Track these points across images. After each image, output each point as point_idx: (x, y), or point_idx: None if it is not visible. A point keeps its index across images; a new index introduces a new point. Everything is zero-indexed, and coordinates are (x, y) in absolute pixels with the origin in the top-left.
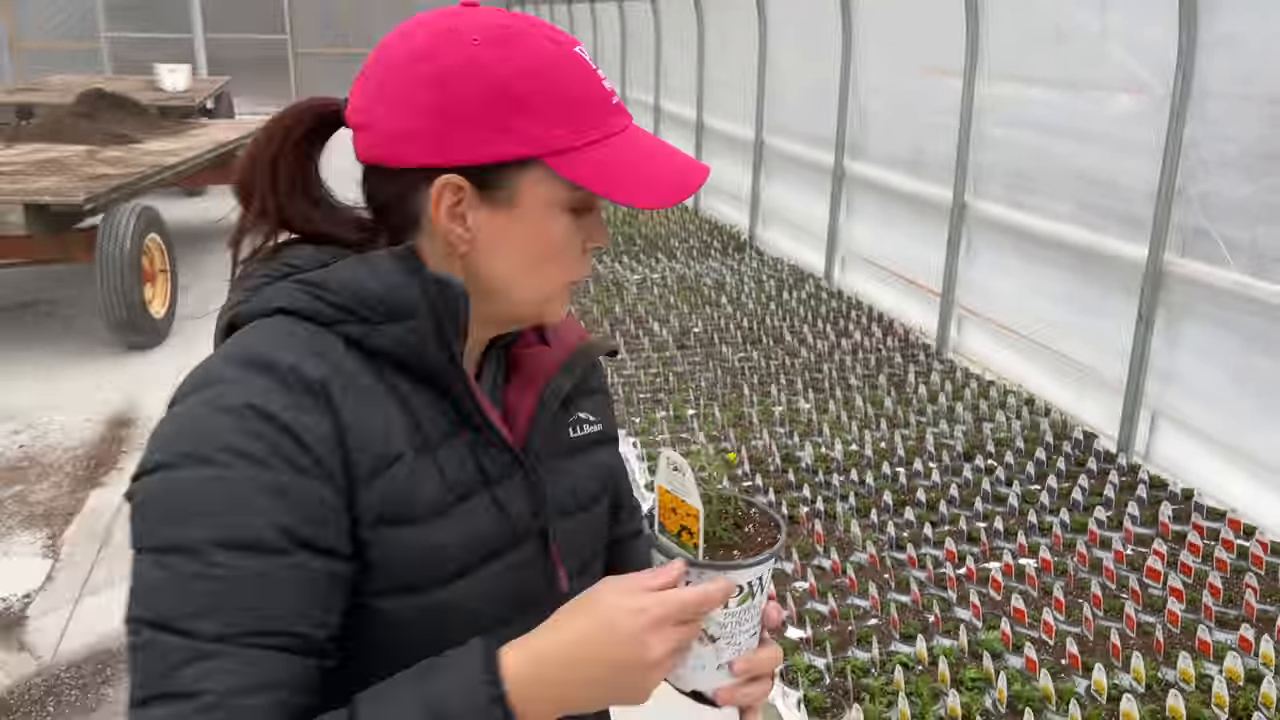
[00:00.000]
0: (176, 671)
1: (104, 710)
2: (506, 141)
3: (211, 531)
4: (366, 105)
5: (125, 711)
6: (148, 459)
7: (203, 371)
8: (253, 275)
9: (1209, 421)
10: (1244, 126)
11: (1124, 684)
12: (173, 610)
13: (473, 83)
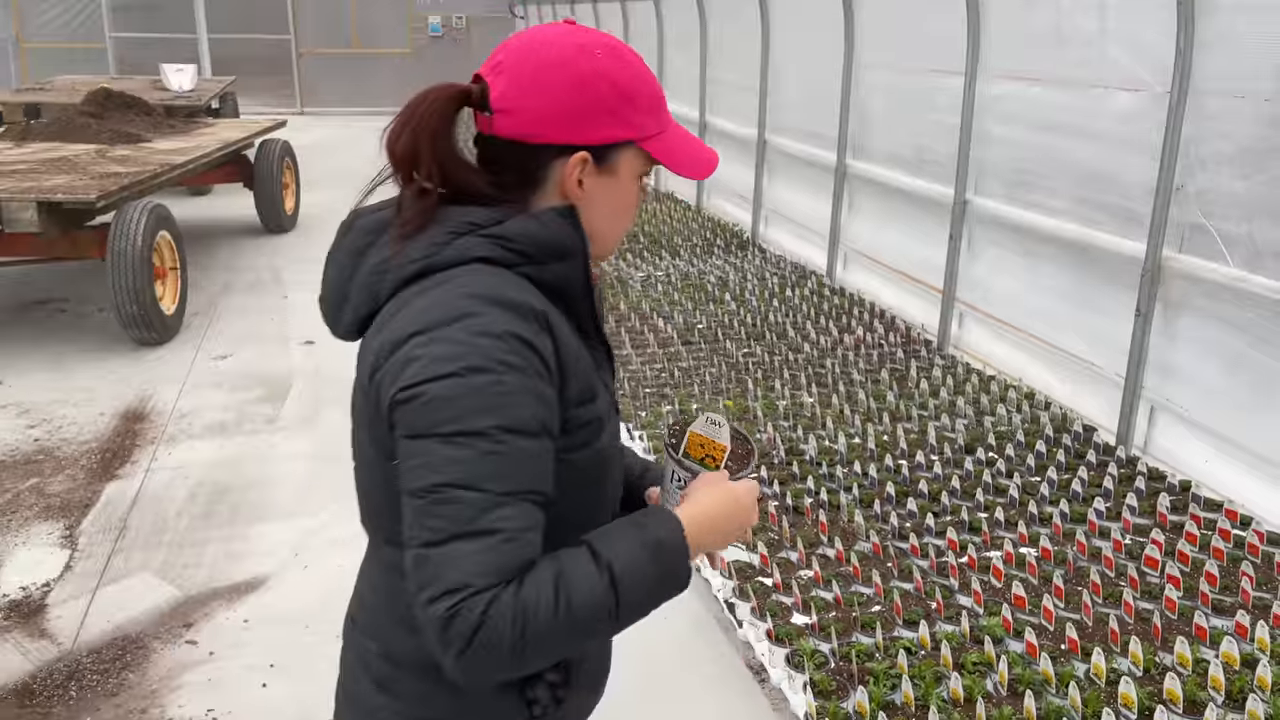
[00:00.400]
0: (480, 517)
1: (125, 694)
2: (619, 128)
3: (496, 420)
4: (515, 96)
5: (412, 549)
6: (429, 370)
7: (449, 307)
8: (423, 233)
9: (1206, 414)
10: (1240, 124)
11: (1122, 668)
12: (472, 476)
13: (601, 85)
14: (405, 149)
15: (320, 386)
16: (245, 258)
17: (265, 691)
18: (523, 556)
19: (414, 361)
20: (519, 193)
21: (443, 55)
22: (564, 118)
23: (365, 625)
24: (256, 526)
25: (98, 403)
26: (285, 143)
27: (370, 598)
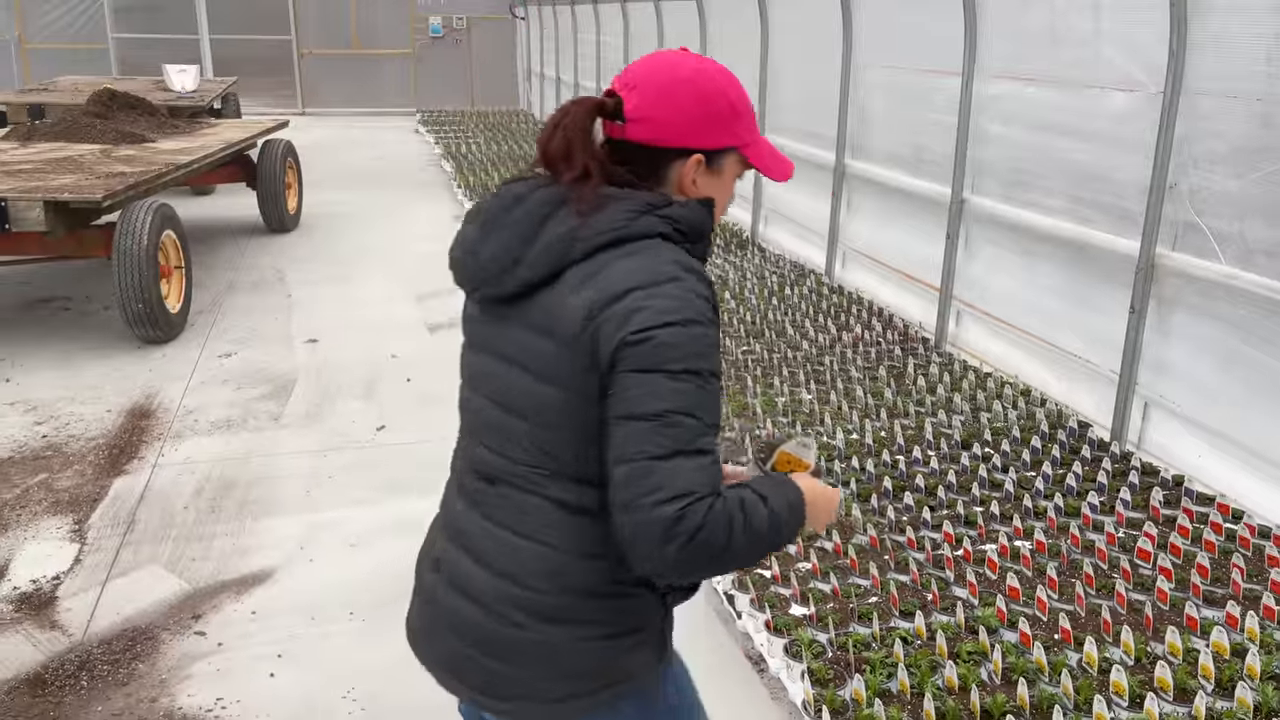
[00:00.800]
0: (697, 439)
1: (135, 684)
2: (729, 137)
3: (707, 364)
4: (647, 109)
5: (635, 463)
6: (656, 319)
7: (658, 271)
8: (604, 211)
9: (1199, 410)
10: (1232, 123)
11: (1114, 657)
12: (692, 406)
13: (719, 101)
14: (559, 147)
15: (324, 384)
16: (249, 257)
17: (272, 681)
18: (720, 476)
19: (639, 311)
20: (647, 185)
21: (444, 56)
22: (687, 127)
23: (532, 573)
24: (263, 521)
25: (104, 400)
26: (288, 143)
27: (536, 548)
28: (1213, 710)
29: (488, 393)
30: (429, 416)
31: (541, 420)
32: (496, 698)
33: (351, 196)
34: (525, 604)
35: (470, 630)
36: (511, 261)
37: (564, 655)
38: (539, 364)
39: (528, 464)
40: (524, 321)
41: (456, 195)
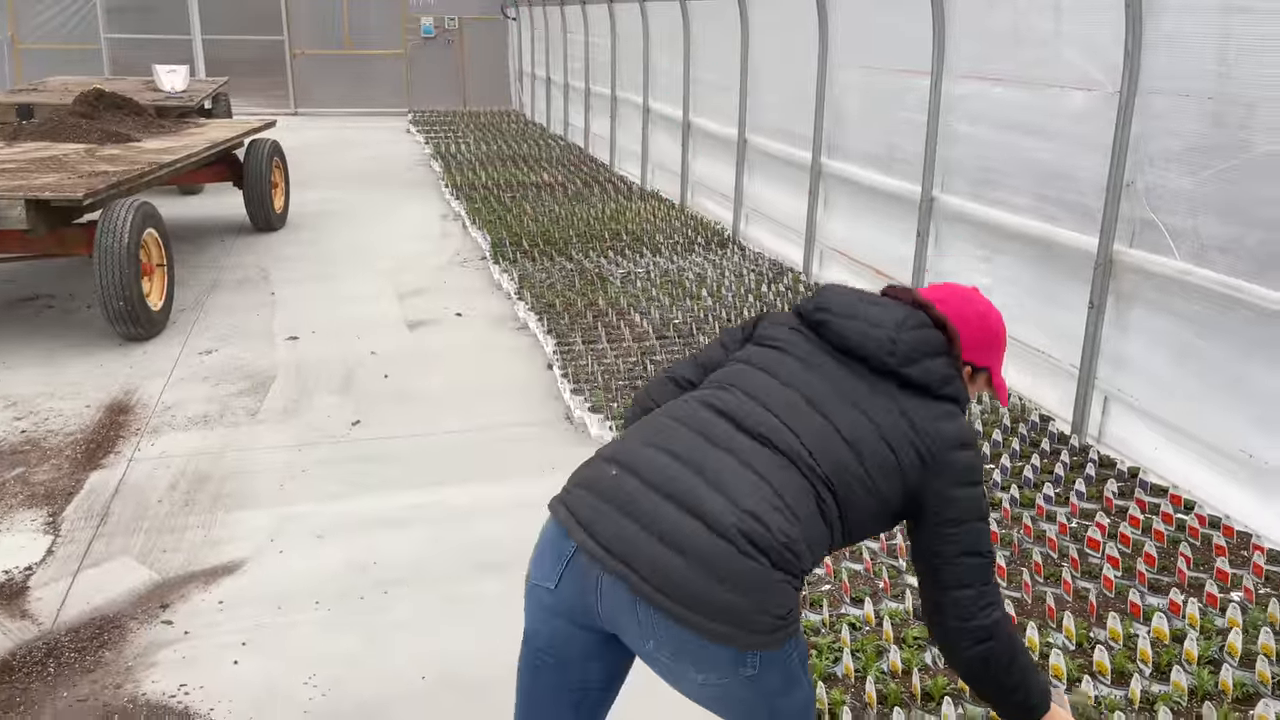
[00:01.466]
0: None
1: (101, 671)
2: (990, 361)
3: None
4: (960, 332)
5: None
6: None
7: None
8: (937, 359)
9: (1155, 404)
10: (1185, 122)
11: (1056, 642)
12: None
13: (992, 334)
14: (931, 339)
15: (302, 380)
16: (234, 256)
17: (236, 668)
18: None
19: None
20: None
21: (436, 56)
22: (976, 351)
23: (774, 522)
24: (235, 514)
25: (84, 396)
26: (274, 142)
27: (784, 507)
28: (1148, 693)
29: (829, 414)
30: (404, 412)
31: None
32: (684, 604)
33: (339, 196)
34: (768, 545)
35: (687, 541)
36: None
37: (779, 592)
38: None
39: (811, 460)
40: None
41: (444, 194)
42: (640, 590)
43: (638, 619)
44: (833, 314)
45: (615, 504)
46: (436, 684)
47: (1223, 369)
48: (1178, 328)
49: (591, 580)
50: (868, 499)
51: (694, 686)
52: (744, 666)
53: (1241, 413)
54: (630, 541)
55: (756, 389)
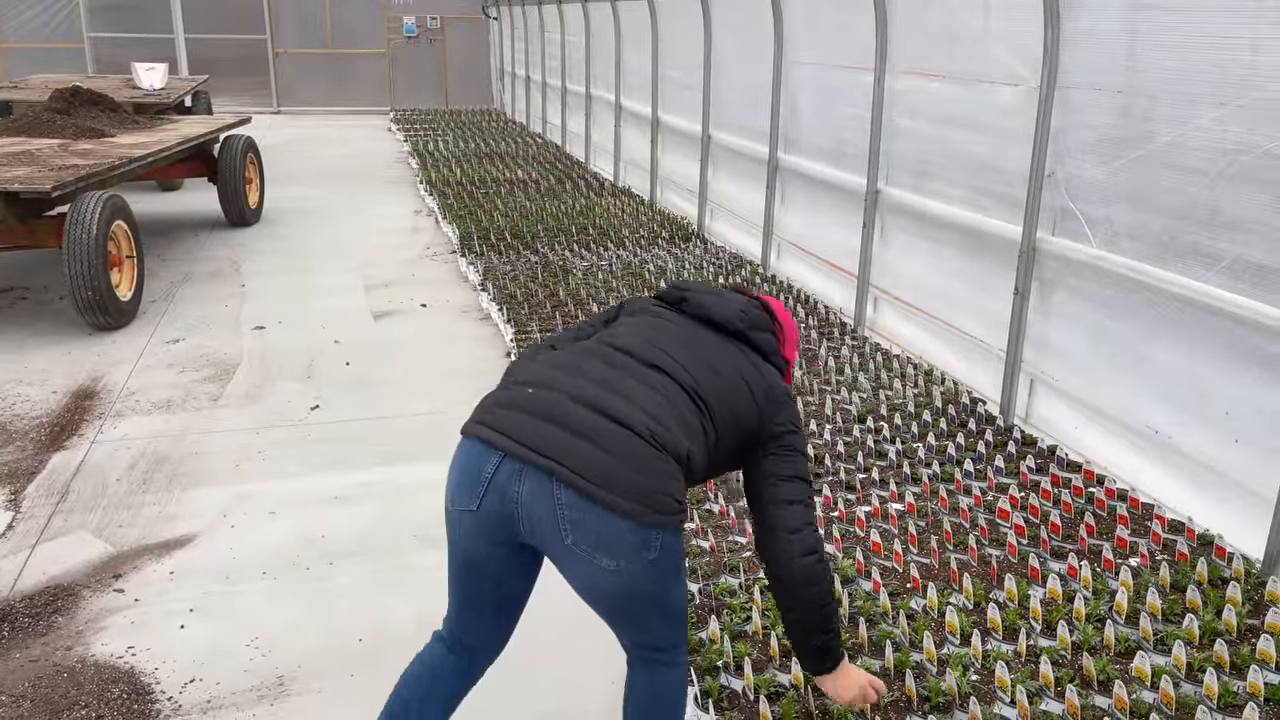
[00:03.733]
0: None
1: (53, 634)
2: (791, 356)
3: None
4: (779, 330)
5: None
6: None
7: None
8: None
9: (1075, 385)
10: (1099, 115)
11: (956, 603)
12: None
13: (794, 336)
14: (764, 319)
15: (266, 367)
16: (207, 249)
17: (183, 632)
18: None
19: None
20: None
21: (418, 55)
22: (788, 346)
23: (671, 429)
24: (190, 492)
25: (51, 382)
26: (249, 138)
27: (679, 417)
28: (1035, 647)
29: (705, 357)
30: (363, 397)
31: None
32: (616, 491)
33: (316, 193)
34: (670, 443)
35: (604, 437)
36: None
37: (673, 481)
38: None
39: (697, 388)
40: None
41: (419, 191)
42: (561, 475)
43: (556, 509)
44: (692, 293)
45: (536, 414)
46: (372, 645)
47: (1130, 349)
48: (1093, 312)
49: (514, 488)
50: (733, 427)
51: (606, 577)
52: (648, 550)
53: (1147, 391)
54: (553, 440)
55: (641, 334)
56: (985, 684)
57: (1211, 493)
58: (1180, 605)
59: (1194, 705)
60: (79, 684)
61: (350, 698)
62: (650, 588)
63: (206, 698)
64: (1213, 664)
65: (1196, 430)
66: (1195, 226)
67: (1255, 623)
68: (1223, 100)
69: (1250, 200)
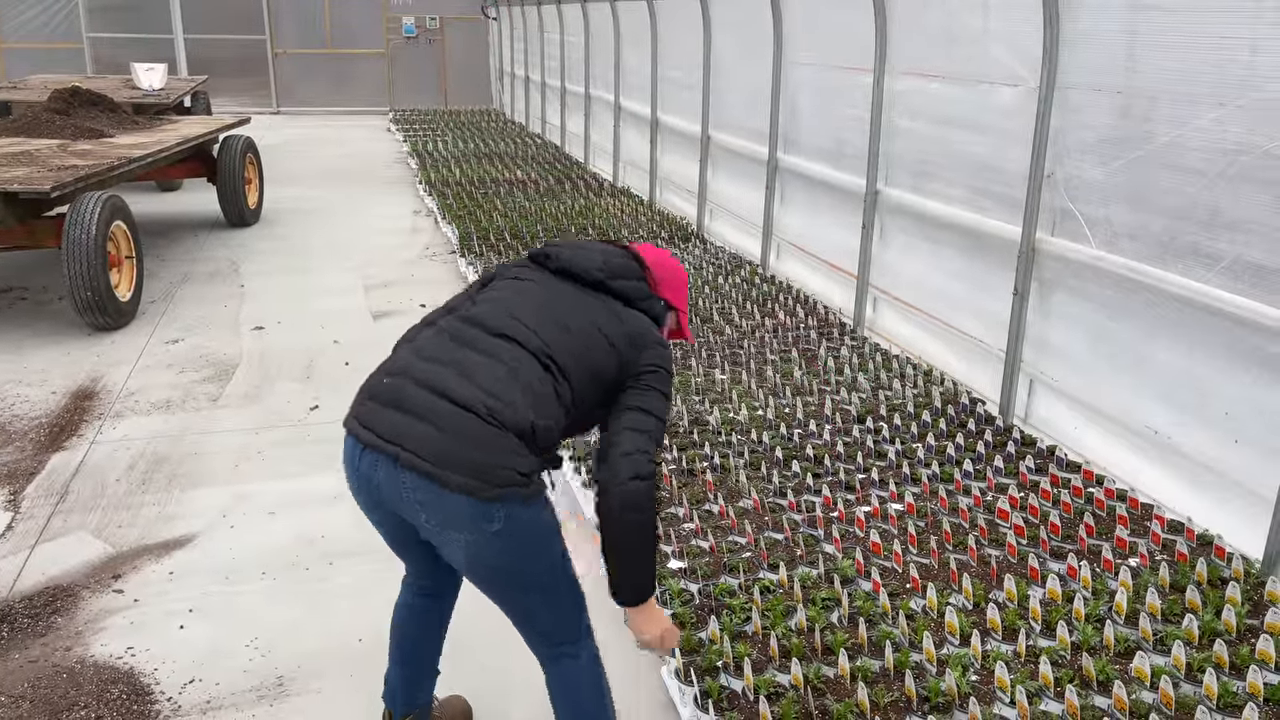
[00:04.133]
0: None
1: (52, 635)
2: (676, 300)
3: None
4: (652, 270)
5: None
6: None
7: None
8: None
9: (1074, 384)
10: (1098, 115)
11: (956, 603)
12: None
13: (676, 278)
14: (630, 267)
15: (265, 368)
16: (206, 250)
17: (182, 632)
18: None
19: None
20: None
21: (418, 56)
22: (669, 290)
23: (512, 401)
24: (190, 492)
25: (50, 383)
26: (248, 139)
27: (521, 389)
28: (1035, 647)
29: (556, 316)
30: None
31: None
32: (448, 468)
33: (315, 193)
34: (508, 418)
35: (442, 418)
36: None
37: (515, 456)
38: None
39: (547, 351)
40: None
41: (419, 191)
42: (404, 459)
43: (403, 492)
44: (555, 248)
45: (388, 402)
46: (372, 645)
47: (1130, 350)
48: (1093, 312)
49: (375, 478)
50: (592, 380)
51: (462, 550)
52: (489, 522)
53: (1147, 391)
54: (398, 426)
55: (499, 301)
56: (985, 684)
57: (1211, 493)
58: (1180, 605)
59: (1193, 705)
60: (78, 684)
61: (350, 698)
62: (505, 561)
63: (206, 698)
64: (1212, 664)
65: (1196, 430)
66: (1195, 227)
67: (1255, 623)
68: (1222, 101)
69: (1250, 200)
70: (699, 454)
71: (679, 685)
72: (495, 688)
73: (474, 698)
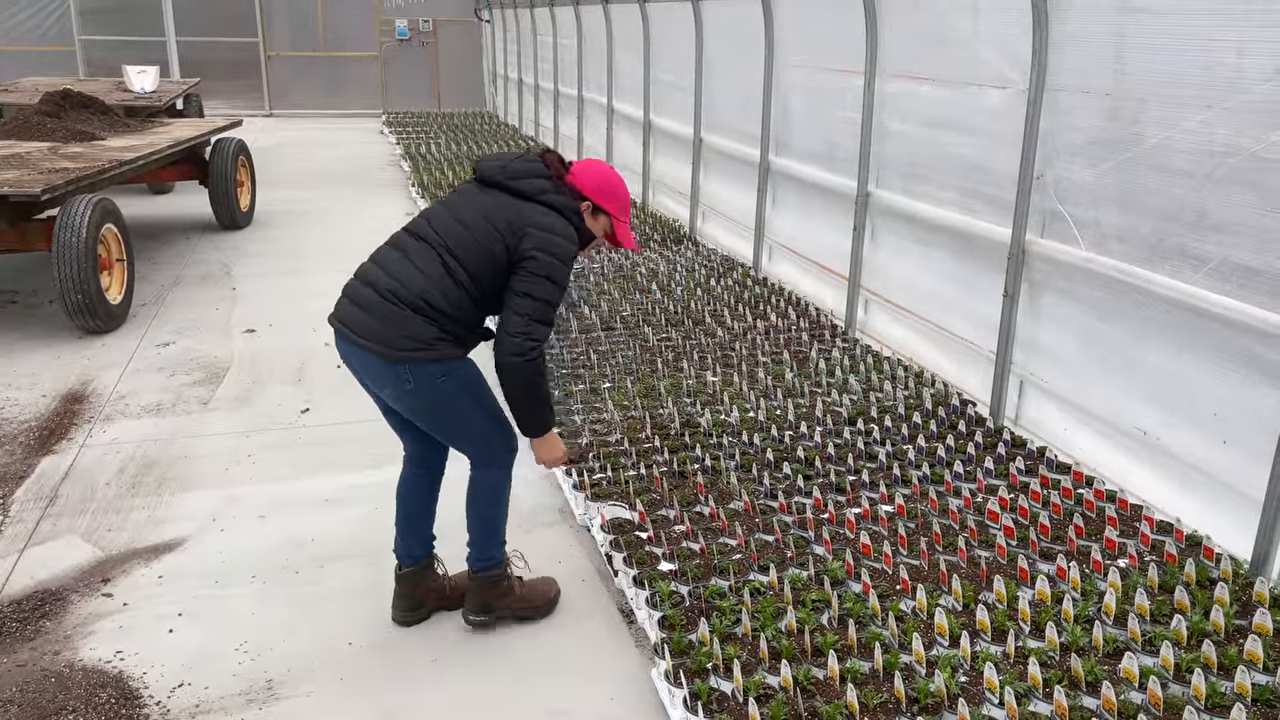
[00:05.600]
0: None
1: (41, 639)
2: (608, 205)
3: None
4: (578, 176)
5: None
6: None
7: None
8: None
9: (1064, 386)
10: (1087, 117)
11: (946, 604)
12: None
13: (607, 183)
14: (540, 161)
15: (257, 370)
16: (198, 252)
17: (172, 636)
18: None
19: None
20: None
21: (411, 58)
22: (594, 190)
23: (419, 288)
24: (180, 495)
25: (40, 386)
26: (240, 141)
27: (429, 280)
28: (1024, 648)
29: (458, 215)
30: (353, 399)
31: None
32: (370, 339)
33: (307, 195)
34: (405, 298)
35: (366, 302)
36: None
37: (414, 327)
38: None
39: (441, 241)
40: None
41: (411, 193)
42: (347, 335)
43: (353, 360)
44: (482, 163)
45: (347, 296)
46: (361, 649)
47: (1119, 351)
48: (1083, 314)
49: (343, 351)
50: (486, 262)
51: (397, 402)
52: (404, 381)
53: (1136, 392)
54: (349, 313)
55: (427, 213)
56: (974, 685)
57: (1200, 494)
58: (1168, 606)
59: (1181, 706)
60: (67, 689)
61: (340, 702)
62: (425, 408)
63: (195, 702)
64: (1200, 665)
65: (1185, 431)
66: (1183, 228)
67: (1243, 623)
68: (1210, 103)
69: (1237, 202)
70: (690, 456)
71: (668, 687)
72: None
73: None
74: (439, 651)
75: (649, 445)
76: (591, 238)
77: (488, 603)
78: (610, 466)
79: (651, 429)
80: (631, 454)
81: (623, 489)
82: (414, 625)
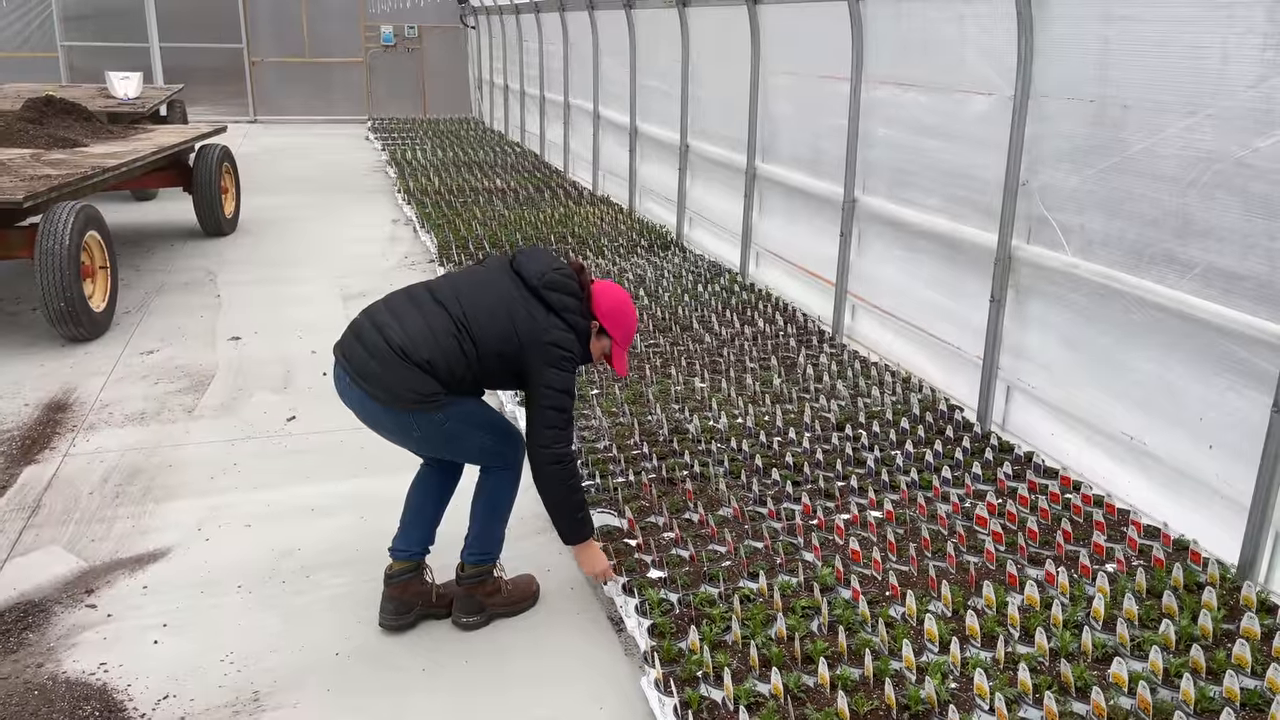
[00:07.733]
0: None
1: (23, 651)
2: (613, 329)
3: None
4: (596, 296)
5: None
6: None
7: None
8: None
9: (1050, 391)
10: (1072, 124)
11: (935, 610)
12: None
13: (619, 310)
14: (575, 279)
15: (242, 379)
16: (182, 259)
17: (156, 647)
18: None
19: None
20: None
21: (396, 65)
22: (606, 316)
23: (424, 347)
24: (165, 505)
25: (23, 395)
26: (224, 148)
27: (437, 343)
28: (1014, 653)
29: (483, 301)
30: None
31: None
32: (371, 385)
33: (293, 202)
34: (413, 357)
35: (376, 350)
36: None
37: (416, 381)
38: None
39: (463, 316)
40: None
41: (397, 200)
42: (351, 375)
43: (359, 404)
44: (522, 252)
45: (356, 337)
46: (349, 657)
47: (1105, 356)
48: (1068, 319)
49: (344, 393)
50: (497, 353)
51: (399, 442)
52: (413, 428)
53: (1122, 397)
54: (355, 353)
55: (454, 279)
56: (964, 691)
57: (1187, 498)
58: (1157, 610)
59: (1171, 711)
60: (50, 702)
61: (326, 712)
62: (432, 446)
63: (180, 714)
64: (1189, 669)
65: (1171, 436)
66: (1168, 234)
67: (1231, 627)
68: (1194, 109)
69: (1222, 208)
70: (679, 462)
71: (659, 696)
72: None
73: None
74: (427, 661)
75: (637, 452)
76: (589, 359)
77: (479, 603)
78: (599, 474)
79: (640, 436)
80: (620, 461)
81: (611, 496)
82: (402, 631)
